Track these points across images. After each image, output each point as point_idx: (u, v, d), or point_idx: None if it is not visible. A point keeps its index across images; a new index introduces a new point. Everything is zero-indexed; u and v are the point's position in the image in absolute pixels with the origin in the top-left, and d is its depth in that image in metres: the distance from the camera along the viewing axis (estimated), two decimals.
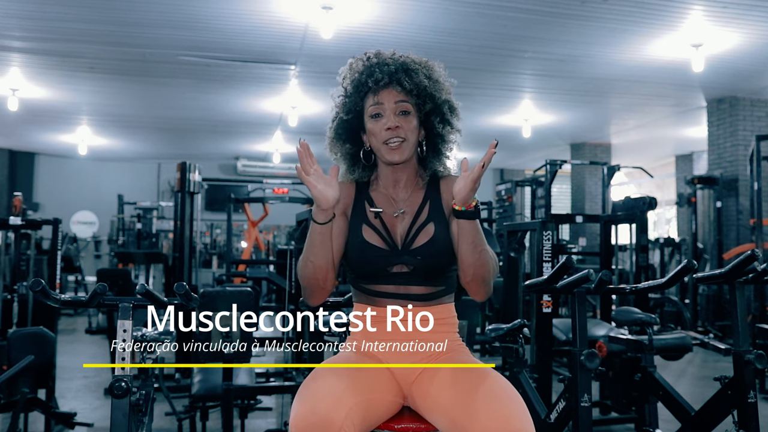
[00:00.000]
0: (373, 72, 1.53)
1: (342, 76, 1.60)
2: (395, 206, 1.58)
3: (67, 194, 12.16)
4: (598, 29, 5.76)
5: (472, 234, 1.44)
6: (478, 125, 9.48)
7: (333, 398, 1.33)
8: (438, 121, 1.57)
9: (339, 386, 1.37)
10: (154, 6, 5.33)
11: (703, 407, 2.33)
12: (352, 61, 1.59)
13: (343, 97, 1.59)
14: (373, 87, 1.53)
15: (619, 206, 4.69)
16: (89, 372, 5.07)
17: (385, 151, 1.53)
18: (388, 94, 1.53)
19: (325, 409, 1.30)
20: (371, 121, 1.54)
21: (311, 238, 1.49)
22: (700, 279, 2.39)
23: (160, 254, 7.55)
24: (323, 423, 1.28)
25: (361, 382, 1.42)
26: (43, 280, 1.64)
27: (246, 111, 8.87)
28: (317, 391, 1.35)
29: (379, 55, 1.57)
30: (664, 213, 13.37)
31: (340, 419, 1.30)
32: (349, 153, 1.62)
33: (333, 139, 1.62)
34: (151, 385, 2.22)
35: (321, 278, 1.50)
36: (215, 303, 3.00)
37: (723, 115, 7.98)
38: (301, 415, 1.31)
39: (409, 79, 1.52)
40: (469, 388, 1.38)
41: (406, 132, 1.52)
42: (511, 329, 2.57)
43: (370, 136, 1.56)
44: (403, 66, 1.53)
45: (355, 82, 1.55)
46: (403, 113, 1.53)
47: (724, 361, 5.85)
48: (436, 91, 1.55)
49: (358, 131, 1.60)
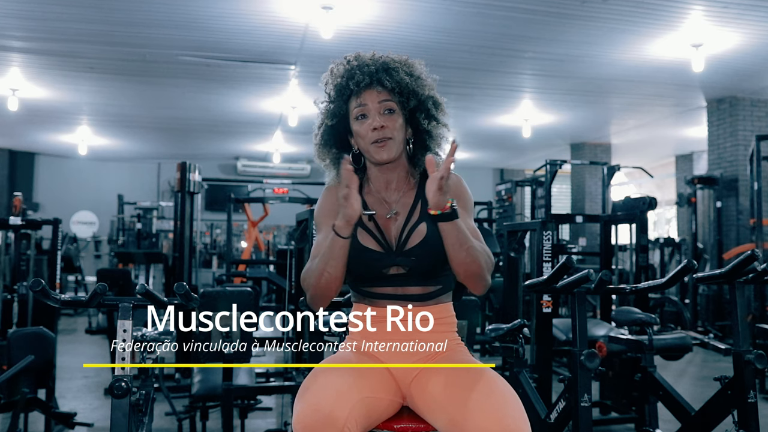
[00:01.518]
0: (353, 74, 1.52)
1: (324, 81, 1.60)
2: (388, 208, 1.58)
3: (67, 194, 12.16)
4: (598, 29, 5.76)
5: (453, 235, 1.42)
6: (478, 125, 9.47)
7: (336, 395, 1.33)
8: (423, 117, 1.56)
9: (342, 384, 1.38)
10: (154, 6, 5.33)
11: (703, 407, 2.33)
12: (333, 66, 1.59)
13: (327, 103, 1.59)
14: (355, 89, 1.52)
15: (619, 206, 4.69)
16: (89, 372, 5.07)
17: (373, 151, 1.53)
18: (371, 94, 1.53)
19: (329, 406, 1.30)
20: (357, 123, 1.54)
21: (332, 251, 1.46)
22: (700, 279, 2.39)
23: (160, 254, 7.55)
24: (327, 420, 1.29)
25: (363, 381, 1.43)
26: (43, 280, 1.64)
27: (246, 111, 8.87)
28: (320, 389, 1.35)
29: (359, 57, 1.56)
30: (664, 213, 13.37)
31: (344, 416, 1.30)
32: (337, 158, 1.61)
33: (320, 146, 1.61)
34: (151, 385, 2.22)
35: (334, 288, 1.49)
36: (215, 303, 3.00)
37: (723, 115, 7.98)
38: (304, 412, 1.31)
39: (390, 78, 1.51)
40: (464, 387, 1.38)
41: (392, 131, 1.52)
42: (511, 329, 2.57)
43: (357, 139, 1.55)
44: (384, 65, 1.53)
45: (338, 86, 1.55)
46: (388, 111, 1.53)
47: (724, 361, 5.85)
48: (418, 87, 1.55)
49: (345, 135, 1.60)
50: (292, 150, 11.58)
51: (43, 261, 5.93)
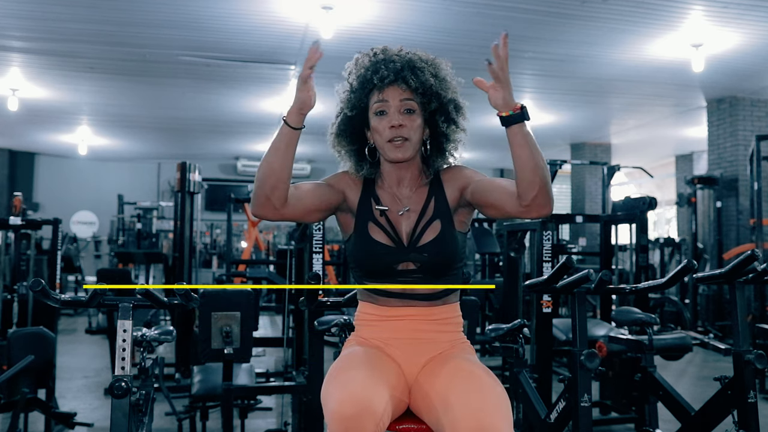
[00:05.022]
0: (378, 69, 1.50)
1: (347, 71, 1.58)
2: (400, 204, 1.57)
3: (67, 194, 12.16)
4: (598, 29, 5.76)
5: (526, 139, 1.36)
6: (478, 125, 9.46)
7: (372, 387, 1.29)
8: (443, 120, 1.55)
9: (373, 377, 1.34)
10: (154, 6, 5.33)
11: (703, 407, 2.33)
12: (358, 56, 1.57)
13: (348, 93, 1.57)
14: (378, 84, 1.51)
15: (619, 206, 4.69)
16: (89, 372, 5.07)
17: (387, 149, 1.52)
18: (394, 91, 1.51)
19: (368, 397, 1.26)
20: (375, 119, 1.53)
21: (277, 140, 1.41)
22: (700, 279, 2.39)
23: (160, 254, 7.55)
24: (367, 410, 1.24)
25: (387, 378, 1.40)
26: (43, 280, 1.64)
27: (246, 111, 8.87)
28: (354, 379, 1.31)
29: (386, 51, 1.55)
30: (664, 213, 13.37)
31: (381, 408, 1.26)
32: (353, 150, 1.60)
33: (337, 135, 1.60)
34: (151, 385, 2.22)
35: (270, 184, 1.39)
36: (215, 303, 3.00)
37: (723, 115, 7.98)
38: (343, 401, 1.26)
39: (414, 77, 1.50)
40: (450, 384, 1.36)
41: (409, 130, 1.51)
42: (511, 329, 2.56)
43: (374, 134, 1.54)
44: (410, 63, 1.51)
45: (361, 78, 1.53)
46: (408, 111, 1.51)
47: (724, 361, 5.85)
48: (442, 89, 1.53)
49: (361, 128, 1.58)
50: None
51: (43, 261, 5.94)
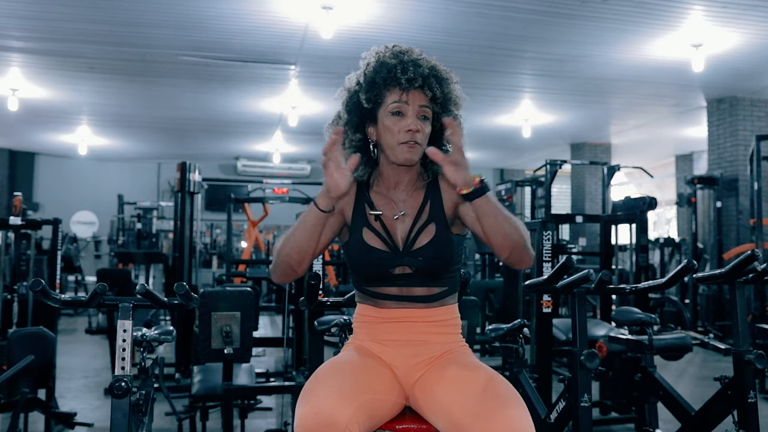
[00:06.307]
0: (406, 69, 1.49)
1: (365, 61, 1.55)
2: (395, 208, 1.56)
3: (67, 194, 12.17)
4: (598, 29, 5.77)
5: (491, 209, 1.38)
6: (478, 125, 9.47)
7: (338, 398, 1.32)
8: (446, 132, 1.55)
9: (343, 386, 1.37)
10: (154, 6, 5.33)
11: (703, 407, 2.33)
12: (380, 51, 1.55)
13: (367, 85, 1.53)
14: (405, 85, 1.49)
15: (619, 206, 4.69)
16: (89, 372, 5.07)
17: (399, 151, 1.50)
18: (416, 95, 1.50)
19: (330, 410, 1.29)
20: (391, 118, 1.50)
21: (306, 219, 1.46)
22: (700, 279, 2.39)
23: (160, 254, 7.54)
24: (329, 423, 1.27)
25: (365, 382, 1.42)
26: (43, 280, 1.64)
27: (246, 111, 8.87)
28: (321, 392, 1.34)
29: (409, 52, 1.53)
30: (664, 213, 13.37)
31: (345, 419, 1.29)
32: (354, 143, 1.57)
33: (343, 126, 1.56)
34: (151, 385, 2.22)
35: (297, 260, 1.47)
36: (215, 303, 3.00)
37: (723, 115, 7.98)
38: (306, 415, 1.30)
39: (439, 87, 1.50)
40: (469, 389, 1.37)
41: (422, 137, 1.50)
42: (511, 329, 2.56)
43: (385, 132, 1.51)
44: (434, 71, 1.51)
45: (384, 73, 1.50)
46: (423, 118, 1.51)
47: (724, 361, 5.85)
48: (454, 106, 1.55)
49: (364, 121, 1.56)
50: (292, 150, 11.56)
51: (43, 261, 5.94)
